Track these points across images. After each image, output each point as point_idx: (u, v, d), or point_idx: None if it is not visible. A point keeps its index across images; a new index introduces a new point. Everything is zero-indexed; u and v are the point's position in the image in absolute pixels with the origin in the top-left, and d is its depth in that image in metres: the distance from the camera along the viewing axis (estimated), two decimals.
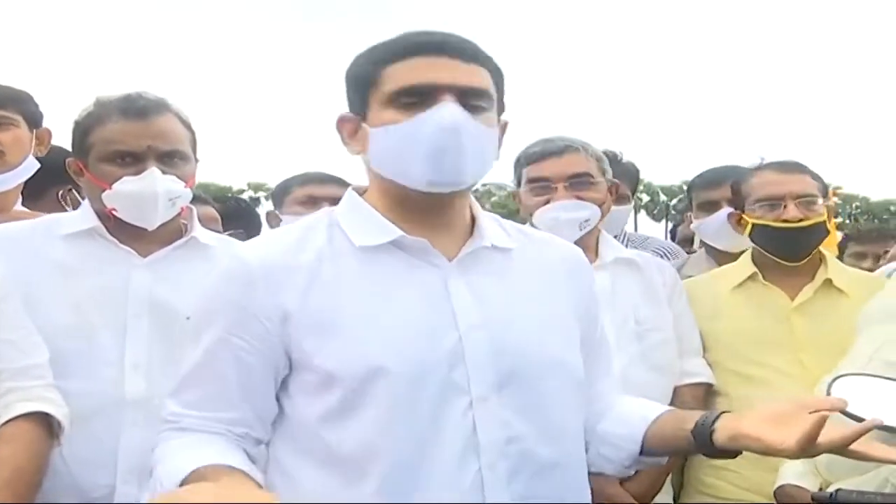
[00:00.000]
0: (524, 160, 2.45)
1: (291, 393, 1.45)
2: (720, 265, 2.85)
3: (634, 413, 1.61)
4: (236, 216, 3.70)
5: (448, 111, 1.40)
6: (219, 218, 3.30)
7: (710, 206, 2.94)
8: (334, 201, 3.16)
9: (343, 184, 3.08)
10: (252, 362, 1.41)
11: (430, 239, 1.46)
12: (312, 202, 2.95)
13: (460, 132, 1.40)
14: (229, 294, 1.43)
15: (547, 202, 2.35)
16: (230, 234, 2.68)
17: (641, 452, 1.57)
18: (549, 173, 2.37)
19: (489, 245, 1.51)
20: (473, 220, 1.54)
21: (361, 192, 1.55)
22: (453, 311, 1.43)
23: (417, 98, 1.41)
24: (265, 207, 3.49)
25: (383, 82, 1.43)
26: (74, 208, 2.65)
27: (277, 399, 1.46)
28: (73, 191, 2.57)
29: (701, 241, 3.17)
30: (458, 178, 1.44)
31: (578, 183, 2.36)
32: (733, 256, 2.76)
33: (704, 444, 1.44)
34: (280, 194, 3.13)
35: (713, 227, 2.90)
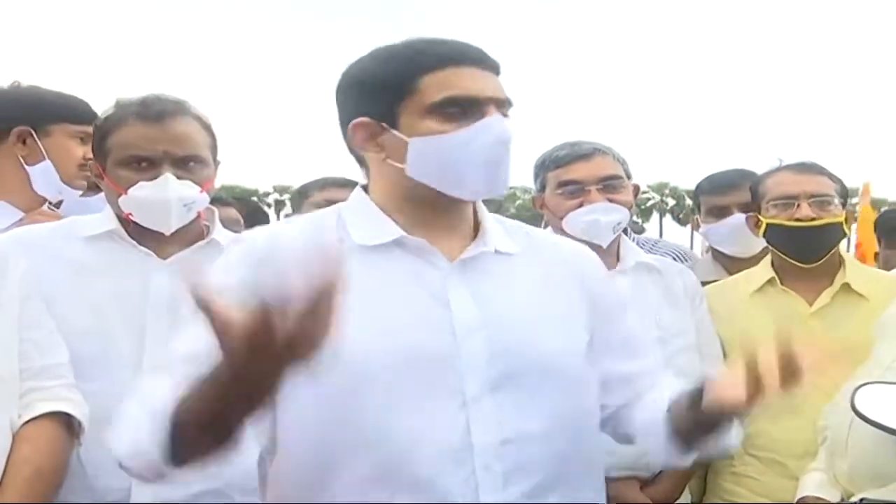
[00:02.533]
0: (550, 164, 2.43)
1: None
2: (728, 270, 2.85)
3: (660, 401, 1.57)
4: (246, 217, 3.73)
5: (500, 124, 1.44)
6: (241, 219, 3.33)
7: (719, 212, 2.92)
8: None
9: None
10: None
11: (431, 240, 1.48)
12: (331, 206, 2.97)
13: (510, 145, 1.46)
14: (237, 274, 1.40)
15: (580, 205, 2.33)
16: None
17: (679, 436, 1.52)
18: (581, 176, 2.35)
19: (493, 250, 1.52)
20: (478, 222, 1.55)
21: (367, 188, 1.56)
22: (451, 312, 1.44)
23: (461, 109, 1.43)
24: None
25: (422, 91, 1.44)
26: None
27: None
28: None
29: (709, 245, 3.14)
30: (501, 189, 1.49)
31: (610, 185, 2.35)
32: (742, 262, 2.77)
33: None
34: (299, 198, 3.16)
35: (722, 232, 2.88)
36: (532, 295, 1.52)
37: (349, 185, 3.09)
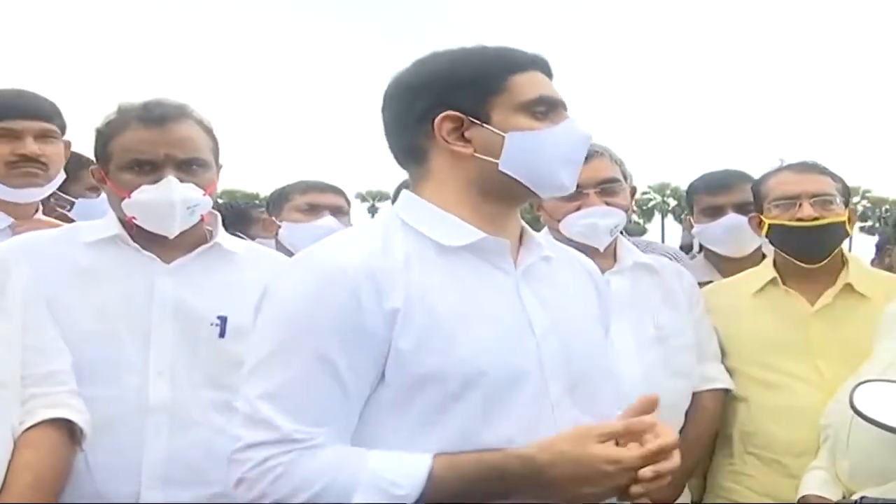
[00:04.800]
0: None
1: (372, 400, 1.41)
2: (720, 271, 2.87)
3: None
4: (232, 220, 3.74)
5: (582, 125, 1.53)
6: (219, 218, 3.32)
7: (714, 212, 2.90)
8: (334, 209, 3.22)
9: (341, 193, 3.13)
10: (367, 370, 1.38)
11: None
12: (313, 210, 2.99)
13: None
14: (334, 299, 1.37)
15: (577, 208, 2.33)
16: None
17: None
18: (579, 179, 2.36)
19: (548, 255, 1.57)
20: (521, 228, 1.59)
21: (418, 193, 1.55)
22: (529, 318, 1.48)
23: (547, 109, 1.50)
24: None
25: (513, 89, 1.49)
26: (63, 208, 2.69)
27: None
28: (57, 191, 2.57)
29: (701, 245, 3.15)
30: (573, 187, 1.58)
31: (609, 189, 2.36)
32: (735, 262, 2.80)
33: None
34: (279, 201, 3.14)
35: (717, 232, 2.87)
36: (576, 298, 1.60)
37: (330, 189, 3.15)
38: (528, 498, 1.36)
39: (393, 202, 3.22)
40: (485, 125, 1.47)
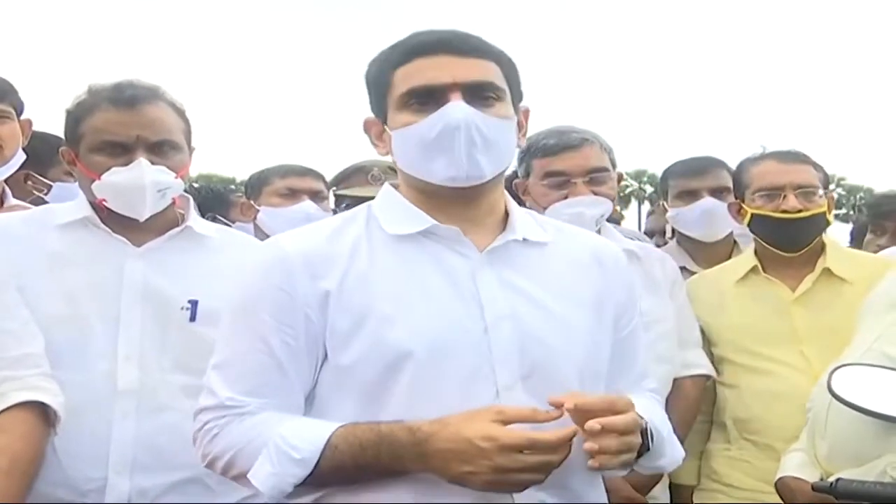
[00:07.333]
0: (538, 152, 2.40)
1: (319, 380, 1.49)
2: (693, 256, 2.88)
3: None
4: (209, 203, 3.71)
5: (454, 109, 1.46)
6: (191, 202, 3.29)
7: (690, 196, 2.89)
8: (313, 194, 3.21)
9: (320, 177, 3.11)
10: (300, 348, 1.46)
11: (463, 231, 1.50)
12: (292, 194, 2.96)
13: (470, 128, 1.46)
14: (271, 282, 1.47)
15: (565, 197, 2.32)
16: None
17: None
18: (568, 167, 2.34)
19: (521, 238, 1.54)
20: (507, 214, 1.57)
21: (397, 186, 1.60)
22: (480, 302, 1.47)
23: (426, 99, 1.48)
24: None
25: (395, 85, 1.50)
26: (40, 192, 2.64)
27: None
28: (34, 174, 2.57)
29: (674, 230, 3.14)
30: (477, 172, 1.48)
31: (597, 178, 2.35)
32: (707, 247, 2.82)
33: None
34: (258, 185, 3.12)
35: (692, 215, 2.86)
36: (561, 286, 1.55)
37: (309, 173, 3.13)
38: (415, 470, 1.37)
39: (330, 187, 3.23)
40: (385, 125, 1.54)
